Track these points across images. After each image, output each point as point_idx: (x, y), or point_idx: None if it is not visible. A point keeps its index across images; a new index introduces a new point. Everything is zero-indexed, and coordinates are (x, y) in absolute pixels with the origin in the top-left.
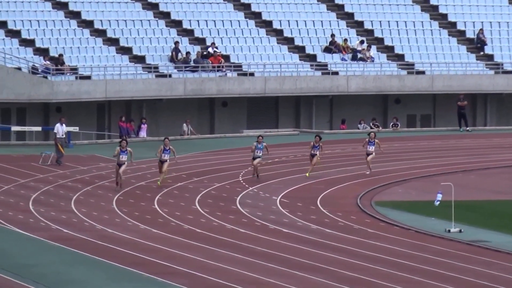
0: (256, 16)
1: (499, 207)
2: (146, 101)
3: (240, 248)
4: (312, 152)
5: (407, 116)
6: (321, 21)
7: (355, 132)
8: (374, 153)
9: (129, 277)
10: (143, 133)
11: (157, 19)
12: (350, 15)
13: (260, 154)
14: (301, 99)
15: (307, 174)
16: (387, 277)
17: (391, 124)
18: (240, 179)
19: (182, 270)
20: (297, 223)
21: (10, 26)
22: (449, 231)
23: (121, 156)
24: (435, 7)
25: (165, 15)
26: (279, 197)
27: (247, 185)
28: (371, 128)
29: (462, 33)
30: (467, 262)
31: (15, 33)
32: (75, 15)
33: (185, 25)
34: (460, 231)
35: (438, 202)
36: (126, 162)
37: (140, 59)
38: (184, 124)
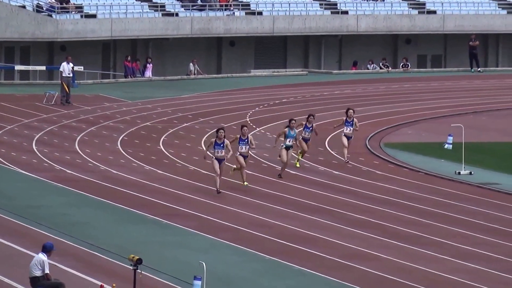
0: None
1: (511, 149)
2: (152, 40)
3: (248, 190)
4: (303, 135)
5: (417, 57)
6: None
7: (365, 72)
8: (352, 137)
9: (134, 219)
10: (148, 73)
11: None
12: None
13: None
14: (309, 39)
15: (297, 164)
16: (397, 219)
17: (401, 64)
18: (248, 119)
19: (188, 212)
20: (304, 165)
21: None
22: (459, 173)
23: (216, 150)
24: None
25: None
26: None
27: (254, 126)
28: (381, 68)
29: None
30: (477, 205)
31: None
32: None
33: None
34: (470, 173)
35: (449, 146)
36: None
37: None
38: (191, 64)
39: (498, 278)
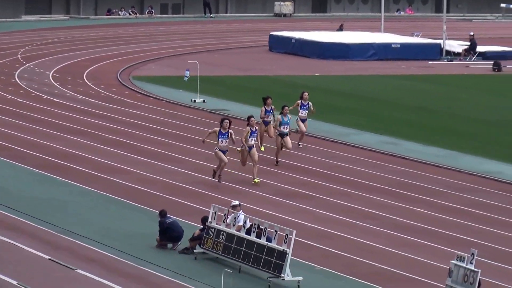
0: None
1: (238, 81)
2: None
3: (21, 115)
4: (265, 118)
5: (160, 5)
6: None
7: (117, 18)
8: (306, 120)
9: None
10: None
11: None
12: None
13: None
14: None
15: (262, 148)
16: (144, 139)
17: (147, 11)
18: (19, 56)
19: None
20: (66, 94)
21: None
22: (194, 101)
23: (220, 140)
24: None
25: None
26: (52, 72)
27: (24, 62)
28: (130, 14)
29: None
30: (210, 127)
31: None
32: None
33: None
34: (204, 101)
35: (187, 78)
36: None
37: None
38: None
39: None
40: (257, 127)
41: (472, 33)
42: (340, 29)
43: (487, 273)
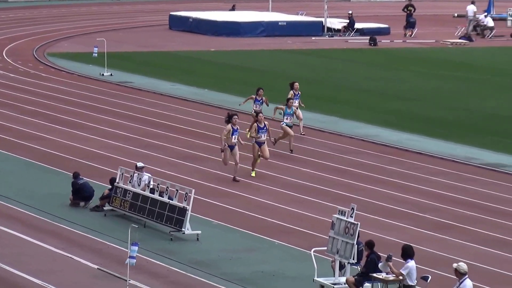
0: None
1: (142, 57)
2: None
3: None
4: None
5: None
6: None
7: (33, 0)
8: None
9: None
10: None
11: None
12: None
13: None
14: None
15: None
16: (59, 109)
17: None
18: None
19: None
20: None
21: None
22: (102, 74)
23: (233, 137)
24: None
25: None
26: None
27: None
28: None
29: None
30: (117, 98)
31: None
32: None
33: None
34: (111, 74)
35: (96, 54)
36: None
37: None
38: None
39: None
40: (266, 123)
41: (350, 12)
42: (233, 9)
43: (365, 226)
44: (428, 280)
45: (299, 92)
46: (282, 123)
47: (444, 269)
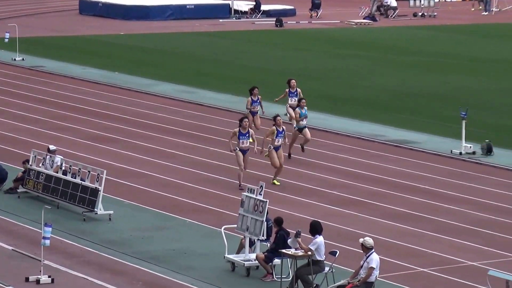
0: None
1: (53, 41)
2: None
3: None
4: (252, 109)
5: None
6: None
7: None
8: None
9: None
10: None
11: None
12: None
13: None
14: None
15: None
16: None
17: None
18: None
19: None
20: None
21: None
22: (14, 59)
23: (241, 141)
24: None
25: None
26: None
27: None
28: None
29: None
30: (29, 82)
31: None
32: None
33: None
34: (23, 59)
35: (7, 39)
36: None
37: None
38: None
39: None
40: (284, 127)
41: None
42: None
43: (274, 203)
44: (336, 255)
45: (297, 90)
46: (294, 127)
47: (351, 243)
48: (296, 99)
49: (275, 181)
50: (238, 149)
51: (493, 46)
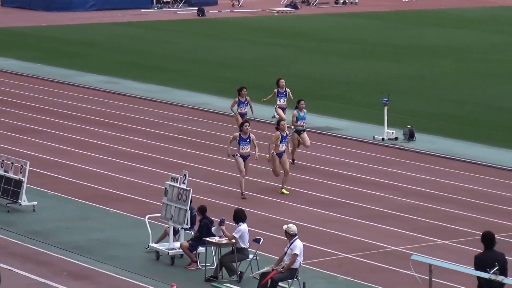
0: None
1: None
2: None
3: None
4: (240, 110)
5: None
6: None
7: None
8: (286, 108)
9: None
10: None
11: None
12: None
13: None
14: None
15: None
16: None
17: None
18: None
19: None
20: None
21: None
22: None
23: (242, 146)
24: None
25: None
26: None
27: None
28: None
29: None
30: None
31: None
32: None
33: None
34: None
35: None
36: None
37: None
38: None
39: None
40: (288, 132)
41: None
42: None
43: (198, 191)
44: (260, 242)
45: (286, 90)
46: (292, 128)
47: (275, 230)
48: (285, 99)
49: (283, 190)
50: (239, 155)
51: (414, 32)
